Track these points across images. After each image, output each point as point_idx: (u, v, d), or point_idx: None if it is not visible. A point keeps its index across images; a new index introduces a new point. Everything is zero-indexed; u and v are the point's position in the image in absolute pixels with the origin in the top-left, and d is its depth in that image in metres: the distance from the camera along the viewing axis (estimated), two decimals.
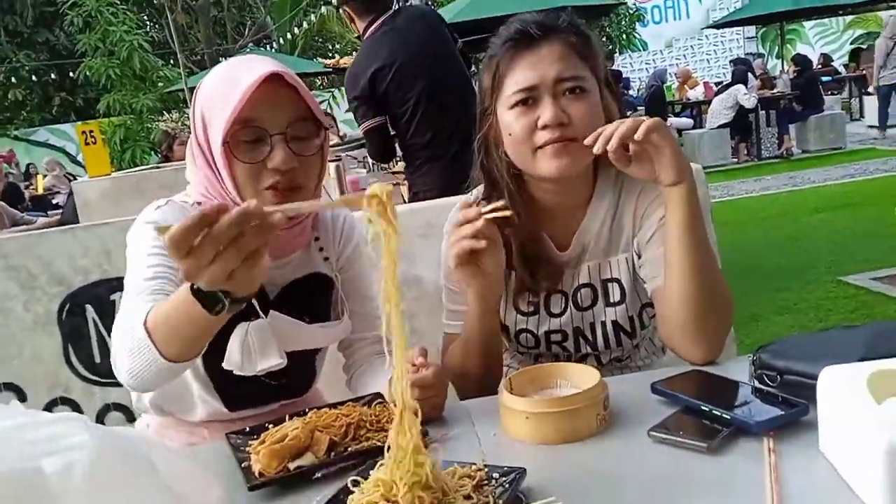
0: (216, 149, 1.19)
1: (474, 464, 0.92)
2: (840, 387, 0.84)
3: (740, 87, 10.22)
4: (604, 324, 1.38)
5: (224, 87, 1.18)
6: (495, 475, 0.91)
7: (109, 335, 2.41)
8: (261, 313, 1.26)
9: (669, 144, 1.17)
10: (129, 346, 1.03)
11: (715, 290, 1.22)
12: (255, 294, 0.95)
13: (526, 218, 1.33)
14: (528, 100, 1.26)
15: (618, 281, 1.36)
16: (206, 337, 1.02)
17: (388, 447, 0.86)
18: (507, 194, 1.32)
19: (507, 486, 0.88)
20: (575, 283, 1.38)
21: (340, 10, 3.19)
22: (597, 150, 1.17)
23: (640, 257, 1.34)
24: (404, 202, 3.26)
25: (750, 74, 11.16)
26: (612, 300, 1.37)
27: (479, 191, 1.41)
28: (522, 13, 1.32)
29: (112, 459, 0.56)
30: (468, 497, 0.86)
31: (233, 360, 1.24)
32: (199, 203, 1.28)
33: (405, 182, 3.59)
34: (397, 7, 3.22)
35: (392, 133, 3.17)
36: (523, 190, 1.35)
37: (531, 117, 1.25)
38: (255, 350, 1.24)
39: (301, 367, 1.39)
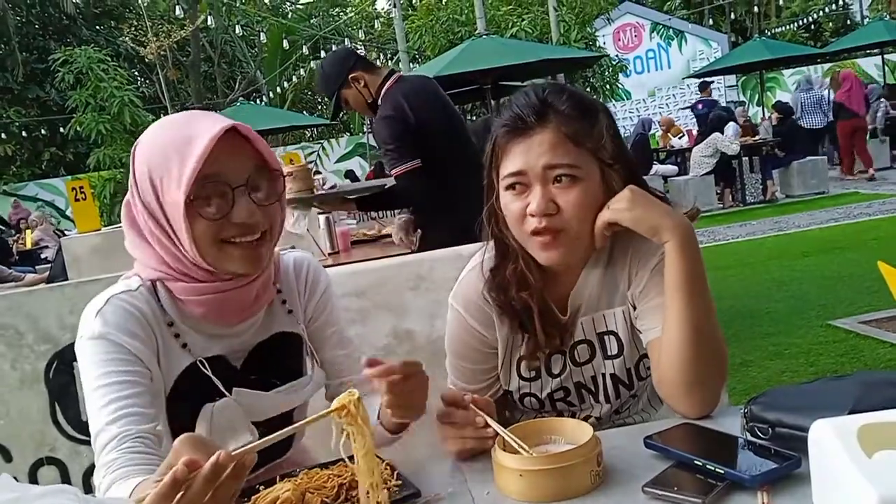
0: (174, 211, 1.14)
1: None
2: (831, 440, 0.85)
3: (717, 135, 10.40)
4: (604, 376, 1.38)
5: (175, 147, 1.13)
6: None
7: None
8: (224, 391, 1.24)
9: (637, 218, 1.20)
10: None
11: (711, 345, 1.21)
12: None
13: (540, 281, 1.33)
14: (519, 185, 1.26)
15: (614, 334, 1.36)
16: None
17: None
18: (521, 259, 1.32)
19: None
20: (572, 339, 1.38)
21: (349, 79, 3.17)
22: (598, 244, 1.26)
23: (635, 309, 1.34)
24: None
25: (732, 122, 11.39)
26: (609, 353, 1.37)
27: (490, 253, 1.38)
28: (526, 88, 1.32)
29: None
30: None
31: None
32: (151, 281, 1.23)
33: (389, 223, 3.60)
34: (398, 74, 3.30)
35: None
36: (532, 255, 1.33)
37: (523, 202, 1.25)
38: (222, 431, 1.22)
39: (277, 430, 1.35)
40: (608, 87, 12.88)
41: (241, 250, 1.18)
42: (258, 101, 20.26)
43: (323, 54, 19.60)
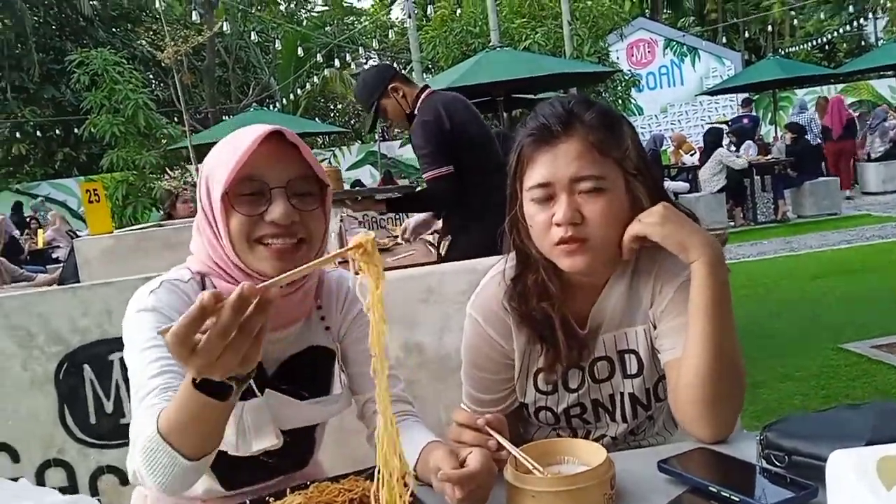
0: (217, 206, 1.19)
1: None
2: (849, 472, 0.84)
3: (721, 150, 10.43)
4: (622, 395, 1.37)
5: (226, 150, 1.20)
6: None
7: (107, 396, 2.39)
8: (256, 391, 1.25)
9: (667, 234, 1.20)
10: (148, 454, 1.01)
11: (732, 369, 1.21)
12: (256, 368, 0.95)
13: (561, 293, 1.33)
14: (545, 195, 1.26)
15: (635, 352, 1.36)
16: (222, 425, 1.01)
17: None
18: (543, 269, 1.32)
19: None
20: (591, 355, 1.37)
21: (389, 90, 3.28)
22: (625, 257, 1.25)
23: (655, 328, 1.33)
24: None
25: (750, 140, 11.47)
26: (629, 372, 1.36)
27: (511, 263, 1.38)
28: (551, 99, 1.32)
29: None
30: None
31: (227, 440, 1.21)
32: (200, 273, 1.27)
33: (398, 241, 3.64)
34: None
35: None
36: (554, 266, 1.32)
37: (548, 213, 1.26)
38: (249, 430, 1.23)
39: (299, 443, 1.36)
40: (620, 102, 12.91)
41: (273, 251, 1.20)
42: (271, 108, 20.38)
43: (337, 63, 19.73)
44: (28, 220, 12.94)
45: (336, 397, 1.38)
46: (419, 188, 3.51)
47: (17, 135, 20.15)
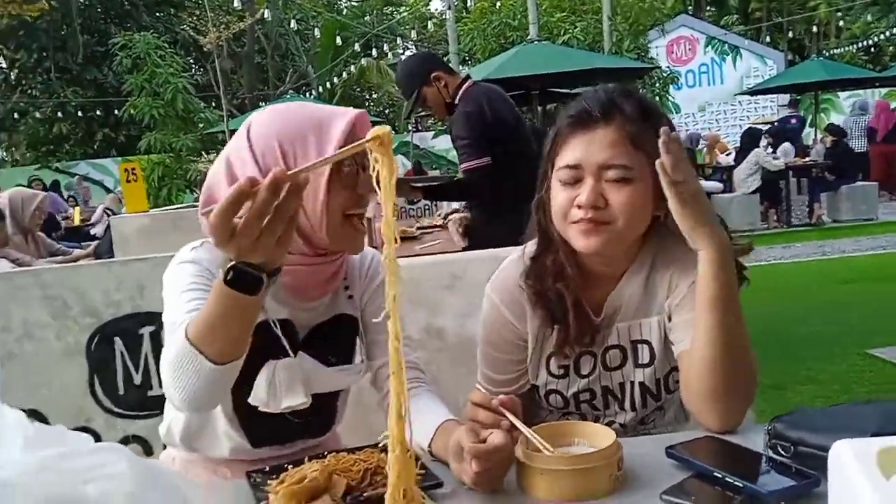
0: (313, 176, 1.22)
1: None
2: (849, 461, 0.85)
3: (758, 150, 10.30)
4: (632, 384, 1.39)
5: (311, 126, 1.26)
6: None
7: (136, 368, 2.46)
8: (290, 352, 1.31)
9: (685, 212, 1.19)
10: (175, 363, 1.07)
11: (739, 360, 1.22)
12: (280, 266, 1.01)
13: (578, 276, 1.36)
14: (573, 176, 1.29)
15: (647, 343, 1.38)
16: (249, 326, 1.07)
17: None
18: (562, 252, 1.36)
19: None
20: (605, 343, 1.39)
21: (431, 78, 3.33)
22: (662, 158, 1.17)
23: (670, 320, 1.35)
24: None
25: (788, 142, 11.30)
26: (641, 361, 1.39)
27: (532, 245, 1.43)
28: (597, 87, 1.34)
29: (149, 489, 0.59)
30: None
31: (259, 396, 1.27)
32: None
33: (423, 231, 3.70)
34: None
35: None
36: (573, 250, 1.35)
37: (572, 193, 1.29)
38: (280, 388, 1.28)
39: (323, 408, 1.41)
40: (658, 99, 12.80)
41: (360, 230, 1.30)
42: (308, 95, 20.50)
43: (374, 52, 19.79)
44: (66, 198, 13.19)
45: (358, 366, 1.43)
46: (456, 178, 3.54)
47: (59, 114, 20.56)
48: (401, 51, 22.86)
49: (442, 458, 1.19)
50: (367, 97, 25.36)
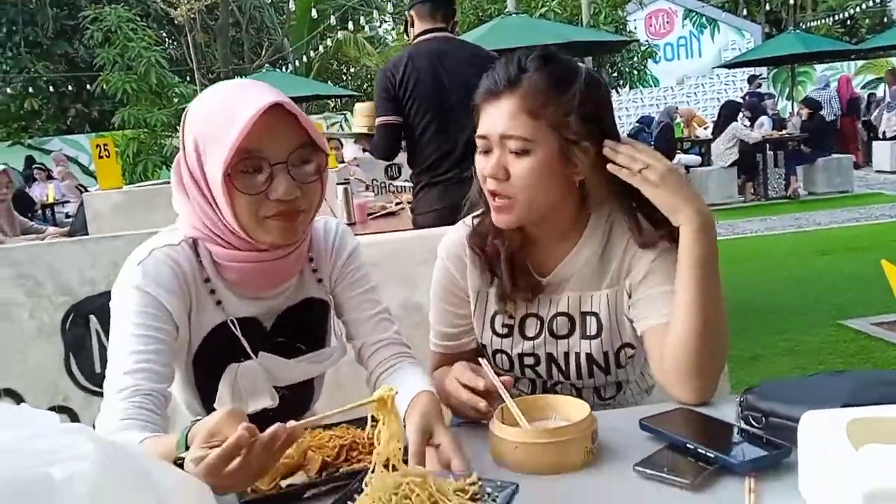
0: (214, 182, 1.16)
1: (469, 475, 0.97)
2: (820, 431, 0.87)
3: (736, 124, 10.35)
4: (577, 355, 1.40)
5: (221, 118, 1.15)
6: (489, 489, 0.94)
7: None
8: (251, 354, 1.28)
9: (661, 194, 1.22)
10: None
11: (717, 334, 1.23)
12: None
13: (517, 233, 1.38)
14: (485, 147, 1.31)
15: (596, 315, 1.38)
16: None
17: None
18: None
19: (500, 501, 0.92)
20: (553, 310, 1.41)
21: (406, 13, 3.37)
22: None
23: (630, 297, 1.36)
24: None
25: (765, 116, 11.37)
26: (588, 333, 1.39)
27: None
28: (513, 54, 1.32)
29: (115, 471, 0.58)
30: None
31: (224, 402, 1.26)
32: (193, 239, 1.26)
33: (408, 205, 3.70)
34: (452, 33, 3.38)
35: (402, 140, 3.32)
36: None
37: (484, 164, 1.31)
38: (244, 392, 1.27)
39: (298, 395, 1.40)
40: (636, 72, 12.78)
41: (279, 223, 1.20)
42: (284, 69, 20.25)
43: (351, 26, 19.56)
44: (35, 170, 12.93)
45: (331, 350, 1.42)
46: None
47: (30, 90, 20.14)
48: (378, 24, 22.60)
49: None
50: (345, 71, 25.09)
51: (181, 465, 0.92)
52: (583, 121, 1.27)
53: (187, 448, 0.92)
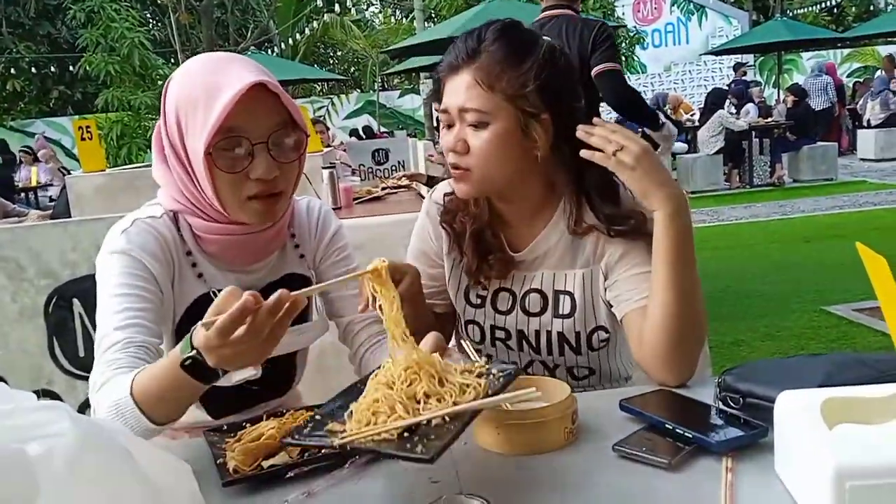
0: (196, 157, 1.17)
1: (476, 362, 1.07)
2: (795, 411, 0.88)
3: (722, 112, 10.39)
4: (549, 333, 1.41)
5: (204, 93, 1.15)
6: (493, 371, 1.05)
7: (95, 329, 2.44)
8: None
9: (635, 178, 1.21)
10: (114, 409, 1.04)
11: (694, 316, 1.24)
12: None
13: (486, 210, 1.40)
14: (447, 121, 1.32)
15: (570, 294, 1.39)
16: (196, 398, 1.06)
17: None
18: None
19: (501, 378, 1.03)
20: (526, 286, 1.42)
21: None
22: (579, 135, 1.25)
23: (606, 278, 1.37)
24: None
25: (751, 104, 11.42)
26: (561, 312, 1.40)
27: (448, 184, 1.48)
28: (473, 28, 1.33)
29: (93, 448, 0.58)
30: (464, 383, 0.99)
31: None
32: (173, 212, 1.28)
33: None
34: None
35: None
36: None
37: (447, 138, 1.32)
38: None
39: (280, 370, 1.40)
40: (624, 59, 12.78)
41: (259, 204, 1.22)
42: (270, 52, 20.11)
43: (337, 8, 19.42)
44: (20, 153, 12.78)
45: (311, 325, 1.42)
46: None
47: (12, 71, 19.88)
48: (364, 7, 22.44)
49: None
50: (332, 54, 24.92)
51: (189, 367, 0.96)
52: (541, 93, 1.26)
53: (193, 348, 0.95)
